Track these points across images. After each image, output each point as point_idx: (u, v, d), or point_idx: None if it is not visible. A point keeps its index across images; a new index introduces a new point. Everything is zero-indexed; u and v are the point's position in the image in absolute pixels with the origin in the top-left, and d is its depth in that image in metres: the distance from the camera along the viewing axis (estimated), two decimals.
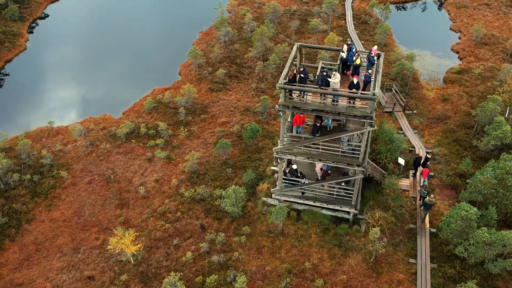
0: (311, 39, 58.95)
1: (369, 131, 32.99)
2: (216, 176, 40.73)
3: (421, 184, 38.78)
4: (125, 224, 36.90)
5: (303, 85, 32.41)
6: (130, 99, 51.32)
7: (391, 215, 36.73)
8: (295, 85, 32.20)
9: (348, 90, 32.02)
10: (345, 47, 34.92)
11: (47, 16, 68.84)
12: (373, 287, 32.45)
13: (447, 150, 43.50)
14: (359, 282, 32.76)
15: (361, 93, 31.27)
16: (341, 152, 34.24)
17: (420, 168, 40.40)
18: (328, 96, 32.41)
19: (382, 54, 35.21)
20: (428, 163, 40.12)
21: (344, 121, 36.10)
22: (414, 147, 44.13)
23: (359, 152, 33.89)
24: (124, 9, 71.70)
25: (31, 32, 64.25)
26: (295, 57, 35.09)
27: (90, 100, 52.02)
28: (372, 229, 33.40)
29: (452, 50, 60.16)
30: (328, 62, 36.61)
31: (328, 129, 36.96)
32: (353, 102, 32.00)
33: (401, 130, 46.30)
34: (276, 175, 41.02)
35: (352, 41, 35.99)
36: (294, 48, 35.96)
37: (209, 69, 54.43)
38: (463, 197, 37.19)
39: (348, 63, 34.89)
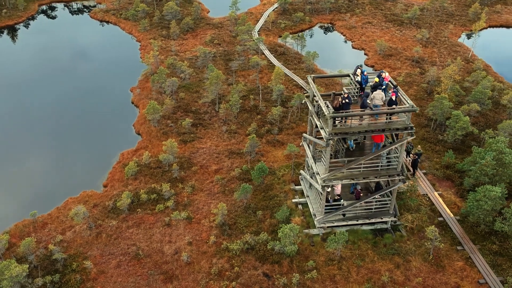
0: (252, 75, 60.69)
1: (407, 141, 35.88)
2: (248, 222, 39.72)
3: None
4: None
5: (351, 110, 34.06)
6: (100, 170, 46.88)
7: (424, 214, 40.04)
8: (344, 112, 33.68)
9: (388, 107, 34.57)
10: (359, 71, 37.70)
11: None
12: (446, 279, 35.09)
13: (422, 149, 48.64)
14: (433, 280, 35.14)
15: (403, 107, 34.12)
16: (381, 166, 36.60)
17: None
18: (365, 117, 34.68)
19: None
20: None
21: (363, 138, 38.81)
22: None
23: (396, 164, 36.61)
24: (45, 80, 64.19)
25: None
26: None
27: (55, 181, 46.03)
28: (427, 228, 36.35)
29: (366, 65, 67.15)
30: (349, 87, 38.79)
31: (351, 149, 39.01)
32: (390, 117, 34.78)
33: None
34: (300, 207, 41.71)
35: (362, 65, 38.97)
36: (310, 80, 37.62)
37: (168, 121, 52.48)
38: (468, 183, 42.39)
39: (363, 86, 37.52)
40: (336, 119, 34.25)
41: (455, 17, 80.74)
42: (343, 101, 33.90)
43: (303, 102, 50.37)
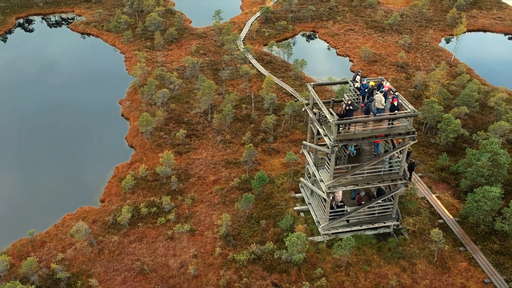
0: (242, 84, 60.67)
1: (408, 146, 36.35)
2: (252, 232, 39.50)
3: None
4: None
5: (355, 117, 34.37)
6: (96, 185, 45.99)
7: (425, 217, 40.55)
8: (349, 119, 33.93)
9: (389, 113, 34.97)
10: (358, 77, 38.11)
11: None
12: (452, 280, 35.57)
13: (415, 152, 49.42)
14: (440, 281, 35.56)
15: (405, 112, 34.59)
16: (383, 171, 36.97)
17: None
18: (370, 123, 35.05)
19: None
20: None
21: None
22: None
23: (397, 168, 37.03)
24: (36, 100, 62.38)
25: None
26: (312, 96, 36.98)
27: (51, 198, 44.80)
28: (432, 231, 36.85)
29: (352, 71, 67.79)
30: (349, 94, 39.00)
31: (352, 155, 39.27)
32: (392, 123, 35.23)
33: None
34: (302, 214, 41.73)
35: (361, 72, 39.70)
36: (310, 88, 37.78)
37: (161, 133, 51.96)
38: (465, 184, 43.17)
39: (362, 94, 37.72)
40: (340, 125, 34.43)
41: (433, 22, 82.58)
42: (347, 108, 34.16)
43: (303, 110, 50.54)
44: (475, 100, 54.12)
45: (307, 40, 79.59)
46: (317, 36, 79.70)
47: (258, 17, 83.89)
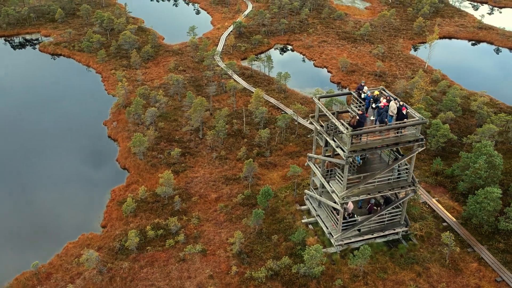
0: (229, 100, 60.39)
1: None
2: (264, 248, 39.12)
3: None
4: None
5: (367, 127, 34.80)
6: (93, 210, 44.42)
7: (430, 221, 41.44)
8: (363, 129, 34.35)
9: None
10: (366, 88, 38.72)
11: None
12: (467, 281, 36.42)
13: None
14: (455, 283, 36.36)
15: (414, 121, 35.38)
16: (393, 179, 37.60)
17: None
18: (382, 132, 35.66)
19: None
20: None
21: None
22: None
23: (406, 175, 37.77)
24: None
25: None
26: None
27: (49, 227, 42.76)
28: (443, 234, 37.68)
29: (332, 82, 69.01)
30: (356, 104, 39.39)
31: (358, 164, 39.74)
32: (401, 131, 35.97)
33: None
34: (310, 226, 41.77)
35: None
36: (317, 101, 38.08)
37: (153, 153, 50.88)
38: (463, 187, 44.48)
39: (367, 106, 38.19)
40: (353, 136, 34.76)
41: (401, 31, 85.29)
42: (359, 119, 34.55)
43: (308, 121, 50.57)
44: (458, 104, 56.07)
45: (280, 53, 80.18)
46: (289, 48, 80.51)
47: (230, 31, 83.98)
